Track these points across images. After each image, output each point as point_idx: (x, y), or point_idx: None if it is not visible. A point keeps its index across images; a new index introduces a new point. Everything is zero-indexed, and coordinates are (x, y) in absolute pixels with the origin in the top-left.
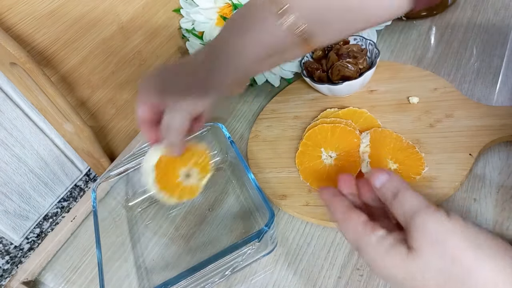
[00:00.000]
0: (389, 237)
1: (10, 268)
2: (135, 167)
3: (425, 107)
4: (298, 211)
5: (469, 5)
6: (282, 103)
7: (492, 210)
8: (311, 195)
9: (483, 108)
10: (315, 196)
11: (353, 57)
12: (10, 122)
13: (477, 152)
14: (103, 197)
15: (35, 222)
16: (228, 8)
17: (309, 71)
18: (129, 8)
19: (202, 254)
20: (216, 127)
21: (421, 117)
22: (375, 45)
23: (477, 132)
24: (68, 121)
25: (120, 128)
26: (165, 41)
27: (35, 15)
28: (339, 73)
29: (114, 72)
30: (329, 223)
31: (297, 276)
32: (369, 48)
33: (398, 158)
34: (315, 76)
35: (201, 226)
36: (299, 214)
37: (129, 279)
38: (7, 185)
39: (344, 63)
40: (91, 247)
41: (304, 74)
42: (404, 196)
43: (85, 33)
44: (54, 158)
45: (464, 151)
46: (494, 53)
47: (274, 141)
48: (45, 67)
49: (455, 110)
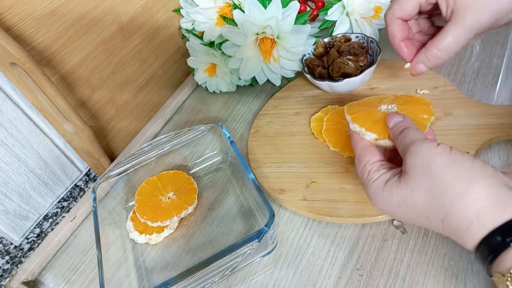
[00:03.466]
0: (389, 172)
1: (10, 268)
2: (135, 167)
3: None
4: (295, 205)
5: None
6: (284, 99)
7: None
8: (308, 190)
9: (482, 107)
10: (312, 190)
11: (354, 55)
12: (10, 122)
13: (474, 150)
14: (103, 197)
15: (35, 222)
16: (228, 7)
17: (310, 68)
18: (129, 8)
19: (202, 254)
20: (216, 127)
21: None
22: (377, 43)
23: (475, 131)
24: (68, 121)
25: (120, 128)
26: (165, 41)
27: (35, 15)
28: (339, 70)
29: (114, 72)
30: (325, 217)
31: (297, 276)
32: (371, 45)
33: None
34: (316, 73)
35: (201, 226)
36: (296, 208)
37: (129, 279)
38: (7, 185)
39: (344, 60)
40: (91, 247)
41: (305, 71)
42: (408, 131)
43: (85, 33)
44: (54, 158)
45: (462, 149)
46: (494, 53)
47: (274, 136)
48: (45, 67)
49: (454, 109)
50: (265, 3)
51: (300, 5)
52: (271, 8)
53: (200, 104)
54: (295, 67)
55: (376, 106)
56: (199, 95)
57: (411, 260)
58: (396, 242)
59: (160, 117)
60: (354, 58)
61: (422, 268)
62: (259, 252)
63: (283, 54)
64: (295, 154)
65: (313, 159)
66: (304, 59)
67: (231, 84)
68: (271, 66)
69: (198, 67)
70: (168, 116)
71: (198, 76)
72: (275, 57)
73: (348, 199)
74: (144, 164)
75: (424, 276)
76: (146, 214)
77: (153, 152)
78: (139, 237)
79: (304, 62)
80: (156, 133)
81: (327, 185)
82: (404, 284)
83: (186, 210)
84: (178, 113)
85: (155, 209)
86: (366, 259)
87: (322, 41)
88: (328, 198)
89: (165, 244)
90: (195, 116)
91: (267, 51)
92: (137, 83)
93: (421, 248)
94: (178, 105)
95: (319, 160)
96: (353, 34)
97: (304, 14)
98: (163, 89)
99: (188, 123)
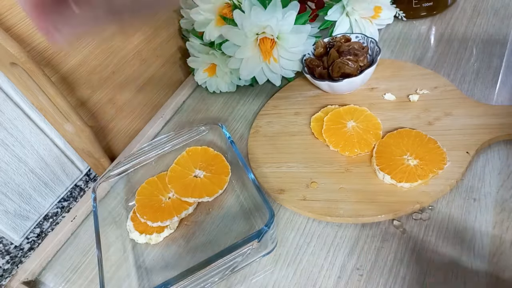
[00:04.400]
0: None
1: (10, 268)
2: (135, 167)
3: (425, 105)
4: (295, 205)
5: (468, 5)
6: (284, 99)
7: (492, 210)
8: (308, 190)
9: (482, 107)
10: (312, 190)
11: (354, 55)
12: (11, 122)
13: (474, 150)
14: (103, 197)
15: (35, 222)
16: (228, 8)
17: (310, 68)
18: None
19: (202, 254)
20: (216, 127)
21: (420, 115)
22: (376, 43)
23: (475, 131)
24: (68, 121)
25: (120, 128)
26: (165, 41)
27: None
28: (339, 70)
29: (114, 72)
30: (325, 217)
31: (297, 276)
32: (371, 46)
33: (418, 153)
34: (316, 73)
35: (201, 226)
36: (296, 208)
37: (129, 279)
38: (7, 185)
39: (344, 60)
40: (91, 247)
41: (305, 71)
42: None
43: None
44: (54, 158)
45: (462, 149)
46: (494, 53)
47: (274, 136)
48: (46, 67)
49: (454, 109)
50: (265, 3)
51: (300, 5)
52: (271, 8)
53: (200, 104)
54: (295, 67)
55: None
56: (199, 95)
57: (411, 260)
58: (396, 242)
59: (160, 117)
60: (354, 58)
61: (422, 268)
62: (259, 252)
63: (283, 54)
64: (295, 154)
65: (313, 159)
66: (304, 59)
67: (231, 84)
68: (271, 66)
69: (198, 67)
70: (168, 116)
71: (198, 76)
72: (275, 57)
73: (348, 199)
74: (144, 164)
75: (424, 276)
76: (146, 214)
77: (153, 152)
78: (139, 237)
79: (304, 62)
80: (156, 133)
81: (327, 185)
82: (404, 284)
83: (186, 211)
84: (178, 113)
85: (155, 209)
86: (366, 259)
87: (322, 41)
88: (328, 198)
89: (165, 244)
90: (195, 116)
91: (267, 51)
92: (137, 83)
93: (421, 248)
94: (178, 105)
95: (319, 160)
96: (353, 34)
97: (304, 14)
98: (163, 89)
99: (188, 123)
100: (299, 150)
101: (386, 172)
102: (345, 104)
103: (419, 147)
